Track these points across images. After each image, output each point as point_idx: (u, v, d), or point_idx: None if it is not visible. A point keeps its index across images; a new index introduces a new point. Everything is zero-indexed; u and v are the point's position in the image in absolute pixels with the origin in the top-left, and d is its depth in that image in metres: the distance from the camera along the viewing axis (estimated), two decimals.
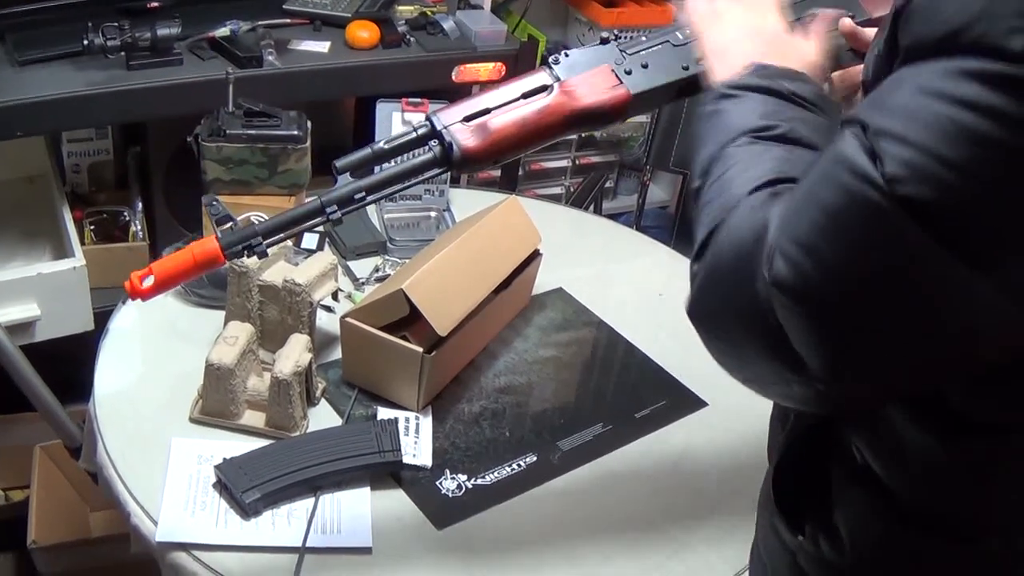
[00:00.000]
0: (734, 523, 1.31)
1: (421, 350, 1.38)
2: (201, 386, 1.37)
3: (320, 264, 1.48)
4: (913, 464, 0.78)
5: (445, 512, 1.30)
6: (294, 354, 1.35)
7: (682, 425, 1.50)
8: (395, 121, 1.86)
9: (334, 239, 1.77)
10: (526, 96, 1.02)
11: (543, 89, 1.02)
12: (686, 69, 1.05)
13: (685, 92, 1.07)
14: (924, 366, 0.71)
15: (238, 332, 1.38)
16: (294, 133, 1.65)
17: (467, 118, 1.00)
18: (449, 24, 2.37)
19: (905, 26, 0.69)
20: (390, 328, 1.41)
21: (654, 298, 1.77)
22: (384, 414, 1.42)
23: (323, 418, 1.41)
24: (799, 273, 0.68)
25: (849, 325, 0.68)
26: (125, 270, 2.03)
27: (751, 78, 0.90)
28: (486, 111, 1.01)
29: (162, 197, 2.27)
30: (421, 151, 1.02)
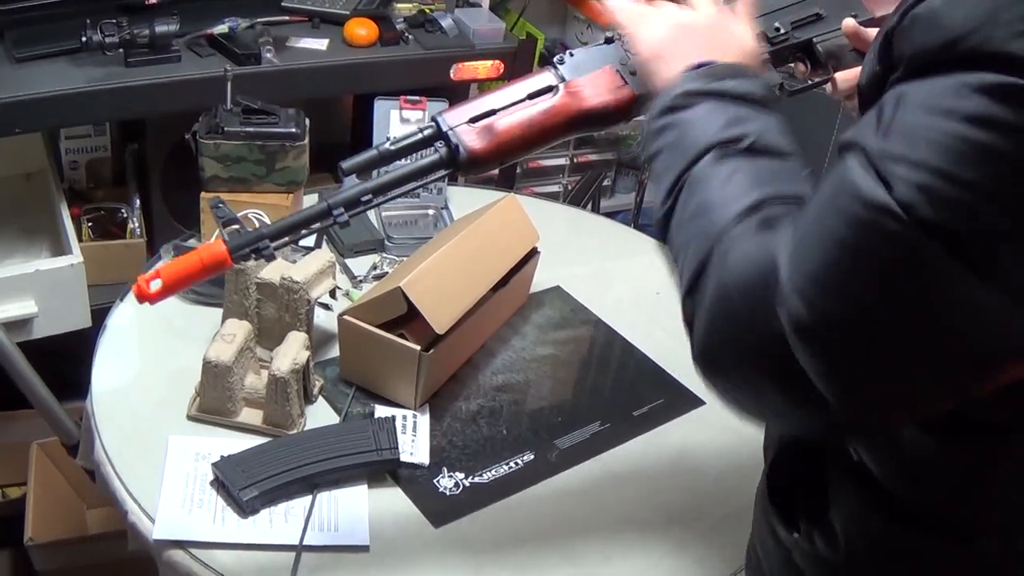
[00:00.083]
0: (731, 520, 1.31)
1: (419, 348, 1.38)
2: (198, 383, 1.37)
3: (318, 262, 1.48)
4: (911, 464, 0.78)
5: (442, 510, 1.30)
6: (292, 352, 1.35)
7: (679, 423, 1.50)
8: (393, 119, 1.86)
9: (332, 237, 1.77)
10: (531, 97, 1.01)
11: (548, 90, 1.02)
12: None
13: None
14: (951, 388, 0.69)
15: (236, 330, 1.38)
16: (292, 131, 1.65)
17: (473, 119, 1.00)
18: (447, 22, 2.37)
19: (903, 39, 0.68)
20: (388, 326, 1.41)
21: (651, 296, 1.77)
22: (382, 412, 1.42)
23: (320, 416, 1.41)
24: (820, 316, 0.66)
25: (876, 359, 0.67)
26: (122, 267, 2.08)
27: (698, 82, 0.87)
28: (492, 112, 1.00)
29: (160, 194, 2.27)
30: (427, 152, 1.02)
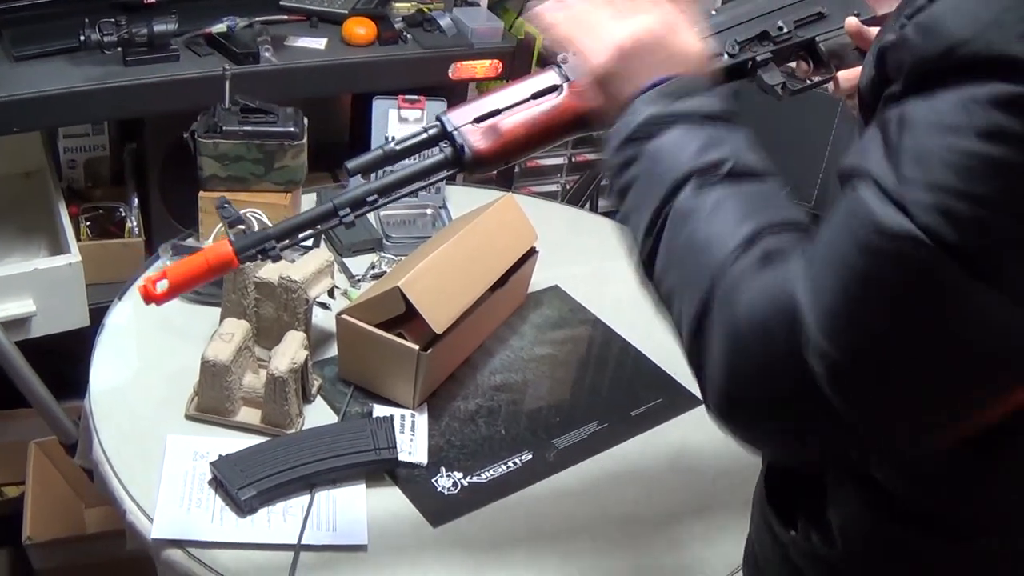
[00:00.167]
0: (729, 520, 1.31)
1: (417, 348, 1.38)
2: (197, 383, 1.37)
3: (316, 261, 1.48)
4: (911, 463, 0.78)
5: (441, 510, 1.30)
6: (290, 351, 1.35)
7: (678, 423, 1.50)
8: (391, 118, 1.86)
9: (330, 236, 1.77)
10: (536, 96, 1.01)
11: (552, 89, 1.02)
12: None
13: None
14: (982, 404, 0.69)
15: (234, 329, 1.38)
16: (290, 130, 1.65)
17: (477, 119, 0.99)
18: (446, 21, 2.37)
19: (903, 48, 0.67)
20: (386, 325, 1.41)
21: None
22: (380, 411, 1.42)
23: (319, 415, 1.41)
24: (856, 357, 0.65)
25: (912, 390, 0.66)
26: (121, 266, 2.08)
27: (659, 105, 0.83)
28: (496, 112, 1.00)
29: (158, 193, 2.27)
30: (432, 152, 1.01)
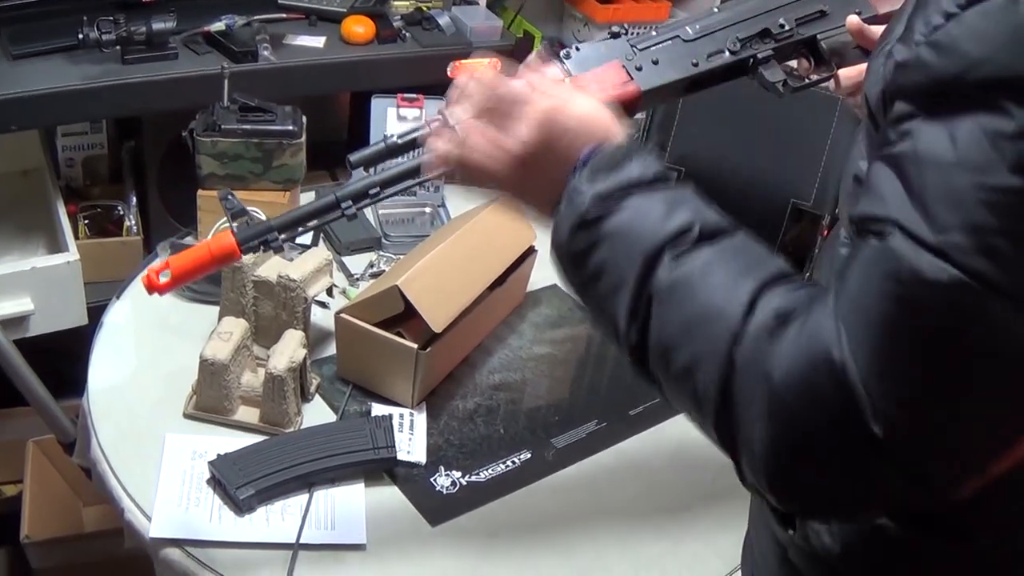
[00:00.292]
0: (728, 519, 1.31)
1: (416, 346, 1.38)
2: (195, 382, 1.37)
3: (315, 260, 1.48)
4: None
5: (439, 509, 1.30)
6: (288, 350, 1.35)
7: (676, 422, 1.50)
8: (390, 116, 1.86)
9: (328, 235, 1.77)
10: None
11: None
12: (695, 65, 1.05)
13: (694, 87, 1.07)
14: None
15: (232, 328, 1.37)
16: (289, 128, 1.65)
17: None
18: (445, 19, 2.37)
19: (917, 69, 0.66)
20: (385, 324, 1.41)
21: None
22: (378, 410, 1.42)
23: (317, 414, 1.41)
24: (917, 414, 0.64)
25: (976, 433, 0.66)
26: (119, 265, 2.07)
27: (600, 182, 0.79)
28: None
29: (156, 192, 2.27)
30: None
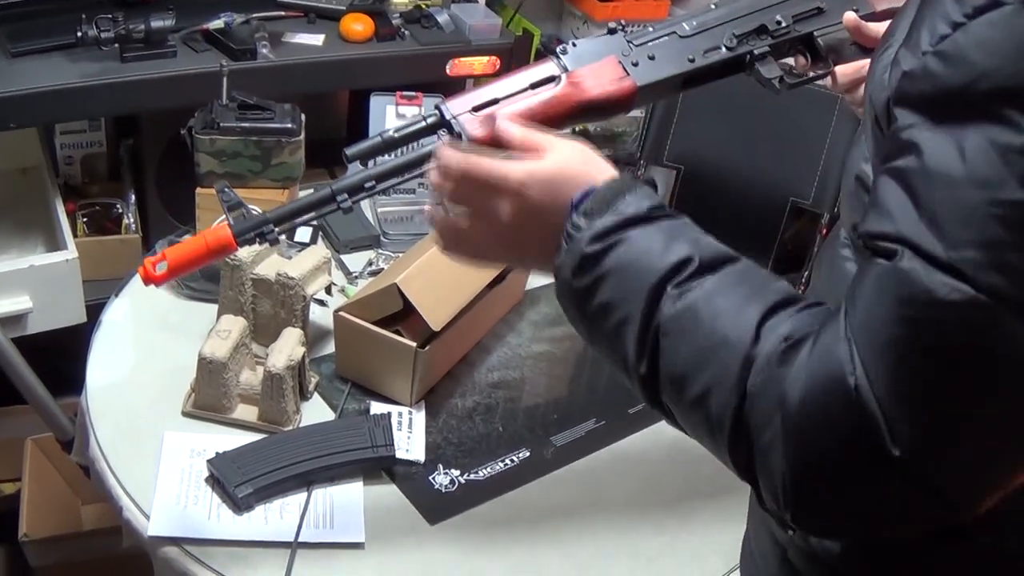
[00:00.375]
0: (727, 518, 1.31)
1: (414, 345, 1.38)
2: (194, 380, 1.37)
3: (313, 258, 1.47)
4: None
5: (438, 507, 1.30)
6: (287, 348, 1.35)
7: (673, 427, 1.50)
8: (389, 114, 1.86)
9: (327, 233, 1.77)
10: (534, 86, 1.02)
11: (551, 79, 1.02)
12: (692, 61, 1.05)
13: (690, 83, 1.07)
14: None
15: (231, 326, 1.37)
16: (288, 126, 1.65)
17: (476, 108, 1.00)
18: (443, 17, 2.37)
19: (924, 79, 0.66)
20: (384, 322, 1.41)
21: None
22: (377, 409, 1.42)
23: (316, 412, 1.41)
24: (936, 434, 0.64)
25: (996, 448, 0.66)
26: (118, 262, 2.07)
27: (597, 220, 0.80)
28: (494, 101, 1.01)
29: (155, 190, 2.27)
30: (430, 140, 1.02)
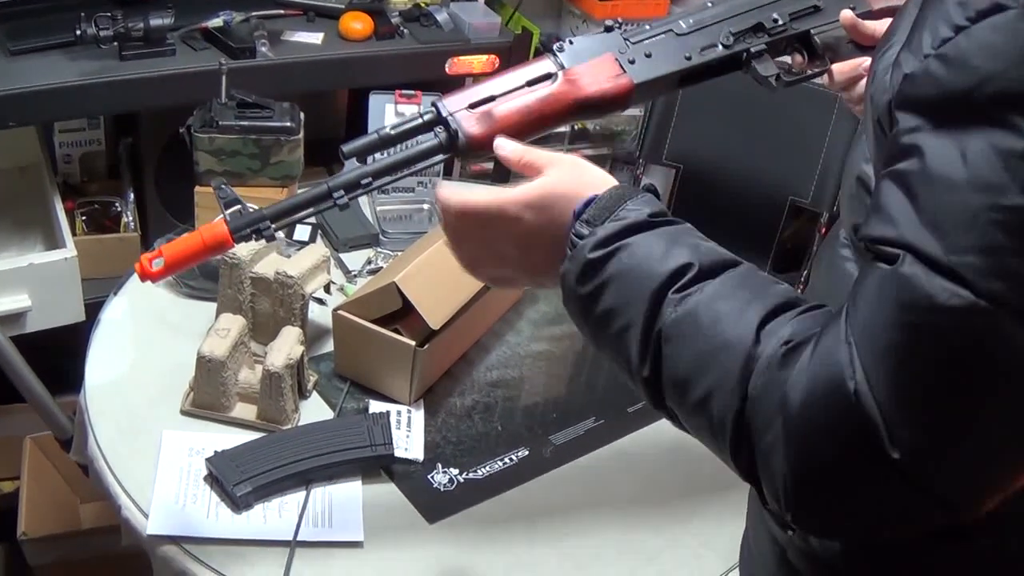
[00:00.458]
0: (726, 518, 1.31)
1: (413, 343, 1.37)
2: (192, 378, 1.37)
3: (312, 256, 1.47)
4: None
5: (436, 506, 1.30)
6: (286, 347, 1.35)
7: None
8: (388, 113, 1.86)
9: (326, 231, 1.77)
10: (531, 84, 1.02)
11: (547, 77, 1.02)
12: (688, 59, 1.05)
13: (687, 81, 1.07)
14: None
15: (230, 324, 1.37)
16: (287, 124, 1.65)
17: (472, 105, 1.00)
18: (443, 16, 2.37)
19: (926, 82, 0.65)
20: (382, 321, 1.41)
21: None
22: (376, 407, 1.42)
23: (314, 411, 1.41)
24: (935, 440, 0.64)
25: (995, 454, 0.66)
26: (116, 261, 2.07)
27: (600, 228, 0.81)
28: (491, 98, 1.01)
29: (154, 188, 2.27)
30: (427, 137, 1.02)
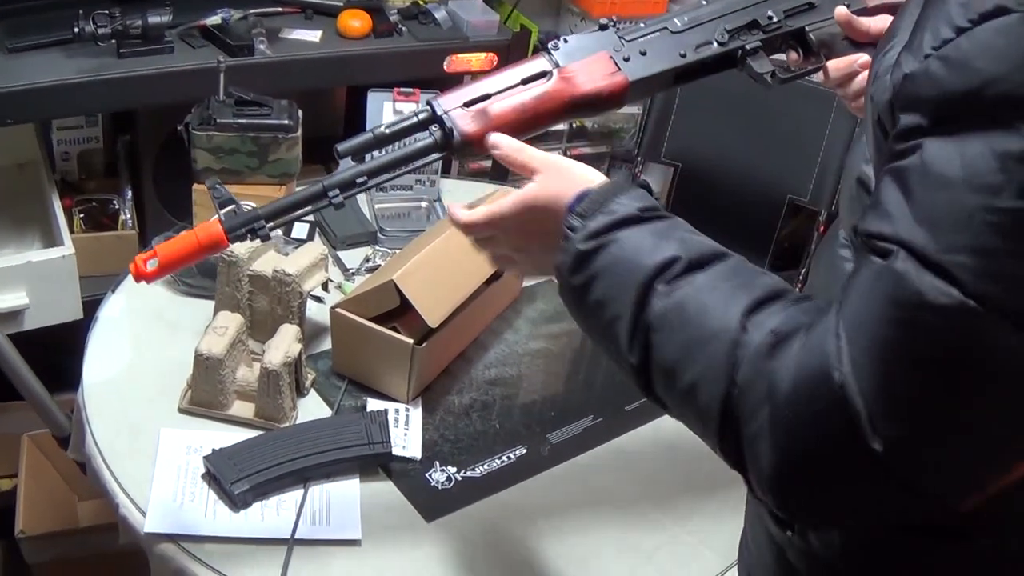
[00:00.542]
0: (724, 516, 1.31)
1: (411, 341, 1.37)
2: (190, 376, 1.36)
3: (310, 254, 1.47)
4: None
5: (434, 504, 1.30)
6: (284, 345, 1.35)
7: (672, 418, 1.49)
8: (387, 111, 1.85)
9: (324, 229, 1.77)
10: (526, 82, 1.02)
11: (542, 75, 1.02)
12: (683, 56, 1.05)
13: (682, 79, 1.07)
14: None
15: (228, 322, 1.37)
16: (285, 122, 1.65)
17: (467, 103, 1.00)
18: (441, 14, 2.37)
19: (926, 83, 0.66)
20: (380, 319, 1.41)
21: None
22: (374, 405, 1.42)
23: (312, 409, 1.41)
24: (917, 434, 0.65)
25: (978, 451, 0.67)
26: (114, 258, 2.07)
27: (591, 220, 0.85)
28: (486, 97, 1.01)
29: (152, 185, 2.26)
30: (422, 136, 1.02)
